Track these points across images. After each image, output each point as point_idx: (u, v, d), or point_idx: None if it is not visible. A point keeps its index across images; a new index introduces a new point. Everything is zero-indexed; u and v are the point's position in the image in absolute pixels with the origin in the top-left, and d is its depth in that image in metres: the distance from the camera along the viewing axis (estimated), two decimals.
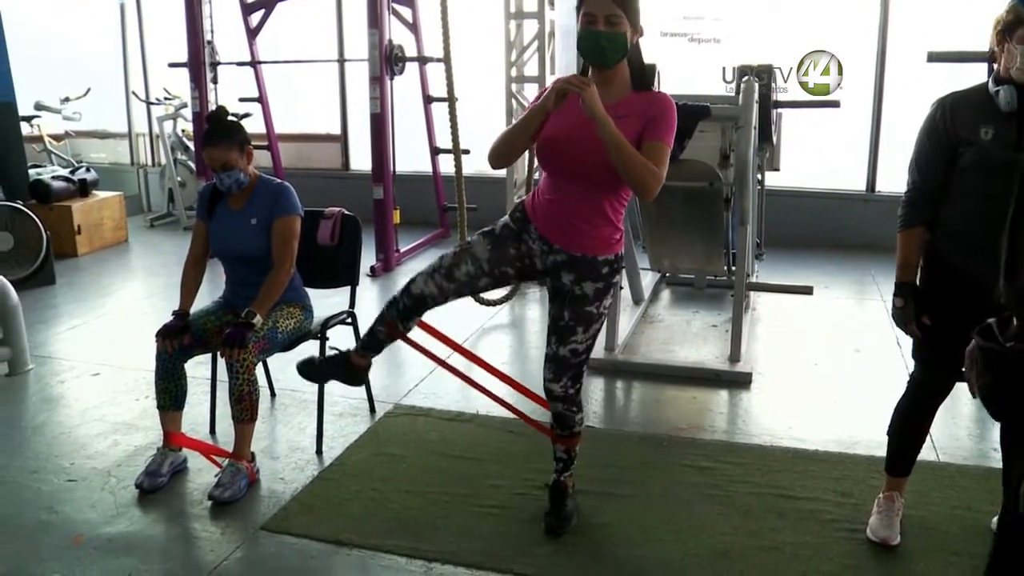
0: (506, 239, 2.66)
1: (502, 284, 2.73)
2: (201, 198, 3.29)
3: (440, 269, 2.65)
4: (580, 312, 2.58)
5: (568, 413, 2.73)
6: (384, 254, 6.30)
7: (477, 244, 2.66)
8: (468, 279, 2.64)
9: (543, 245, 2.61)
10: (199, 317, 3.21)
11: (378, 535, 2.80)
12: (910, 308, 2.52)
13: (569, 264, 2.58)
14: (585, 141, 2.40)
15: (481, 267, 2.64)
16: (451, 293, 2.65)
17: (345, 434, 3.56)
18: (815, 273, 5.90)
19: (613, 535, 2.81)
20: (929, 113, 2.48)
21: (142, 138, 8.93)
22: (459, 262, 2.64)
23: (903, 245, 2.54)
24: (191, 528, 2.90)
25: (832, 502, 2.98)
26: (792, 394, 3.99)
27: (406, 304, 2.68)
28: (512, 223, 2.67)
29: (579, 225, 2.54)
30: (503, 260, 2.65)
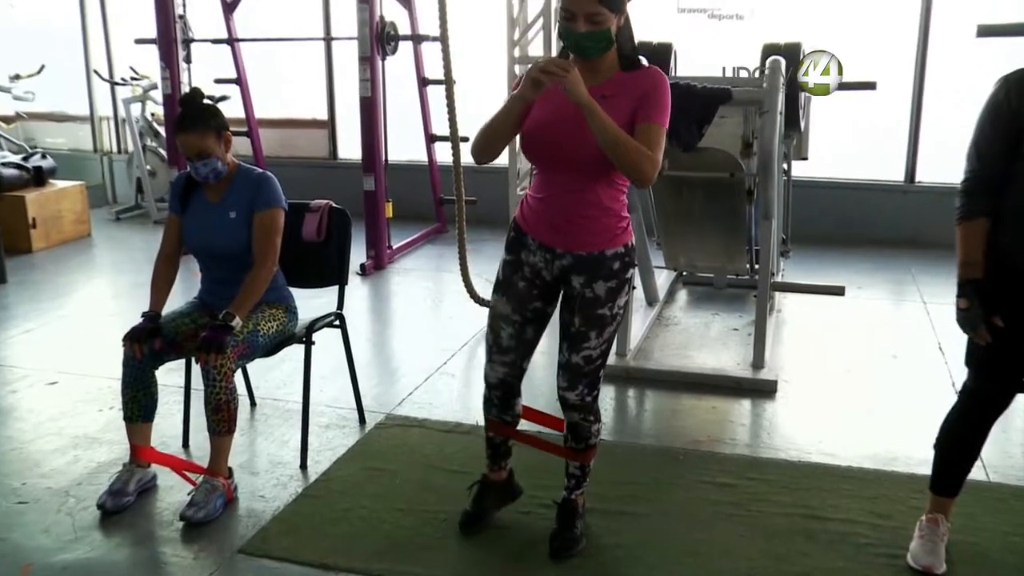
0: (511, 278, 2.70)
1: (545, 318, 2.77)
2: (174, 189, 3.29)
3: (492, 351, 2.75)
4: (591, 316, 2.59)
5: (584, 423, 2.74)
6: (375, 251, 6.30)
7: (497, 303, 2.73)
8: (516, 339, 2.72)
9: (545, 254, 2.62)
10: (172, 319, 3.21)
11: (367, 558, 2.80)
12: (976, 310, 2.47)
13: (576, 266, 2.59)
14: (573, 129, 2.40)
15: (514, 321, 2.70)
16: (518, 359, 2.75)
17: (332, 447, 3.56)
18: (847, 272, 5.90)
19: (625, 558, 2.81)
20: (992, 92, 2.45)
21: (106, 122, 8.90)
22: (498, 332, 2.73)
23: (964, 239, 2.50)
24: (160, 553, 2.89)
25: (867, 524, 2.97)
26: (822, 404, 3.98)
27: (497, 396, 2.80)
28: (507, 254, 2.71)
29: (577, 221, 2.54)
30: (524, 299, 2.69)
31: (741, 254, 4.86)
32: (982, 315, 2.48)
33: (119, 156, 8.70)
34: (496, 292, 2.74)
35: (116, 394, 3.24)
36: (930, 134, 6.73)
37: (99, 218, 7.73)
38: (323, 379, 4.15)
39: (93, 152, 8.86)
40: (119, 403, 3.19)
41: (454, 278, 5.39)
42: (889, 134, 6.89)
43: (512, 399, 2.83)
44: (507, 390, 2.79)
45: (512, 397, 2.82)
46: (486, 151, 2.56)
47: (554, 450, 2.92)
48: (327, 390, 4.09)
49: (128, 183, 8.25)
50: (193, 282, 3.44)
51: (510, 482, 3.01)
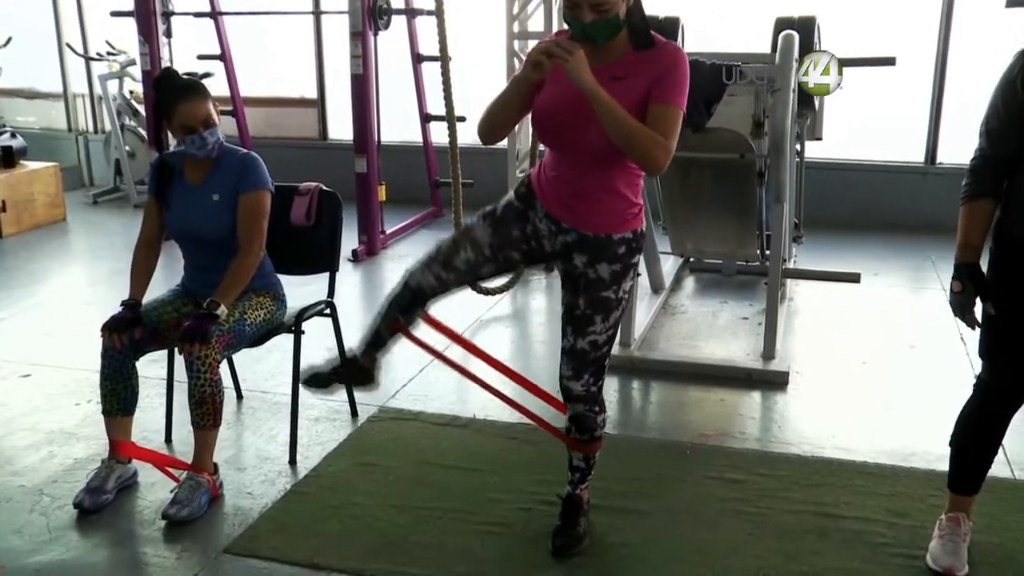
0: (509, 220, 2.67)
1: (507, 270, 2.77)
2: (154, 171, 3.29)
3: (437, 258, 2.68)
4: (596, 299, 2.59)
5: (589, 414, 2.74)
6: (368, 236, 6.30)
7: (477, 227, 2.69)
8: (468, 267, 2.67)
9: (551, 225, 2.61)
10: (153, 308, 3.22)
11: (360, 557, 2.81)
12: (968, 294, 2.49)
13: (580, 244, 2.58)
14: (584, 111, 2.38)
15: (482, 252, 2.66)
16: (451, 283, 2.69)
17: (322, 441, 3.57)
18: (863, 258, 5.90)
19: (629, 557, 2.82)
20: (1008, 66, 2.43)
21: (81, 100, 8.87)
22: (458, 248, 2.67)
23: (965, 220, 2.51)
24: (141, 553, 2.90)
25: (884, 523, 2.98)
26: (836, 397, 4.00)
27: (404, 298, 2.73)
28: (516, 200, 2.68)
29: (588, 202, 2.54)
30: (507, 243, 2.66)
31: (751, 239, 4.86)
32: (973, 300, 2.50)
33: (96, 136, 8.68)
34: (484, 219, 2.68)
35: (94, 387, 3.24)
36: (953, 112, 6.69)
37: (75, 201, 7.72)
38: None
39: (67, 131, 8.83)
40: (97, 396, 3.20)
41: None
42: (909, 113, 6.87)
43: (417, 308, 2.75)
44: (419, 298, 2.71)
45: (419, 306, 2.74)
46: (492, 132, 2.55)
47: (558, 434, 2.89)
48: None
49: (106, 164, 8.23)
50: (175, 269, 3.44)
51: (371, 372, 2.92)
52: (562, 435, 2.88)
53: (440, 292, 2.71)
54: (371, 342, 2.87)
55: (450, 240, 2.70)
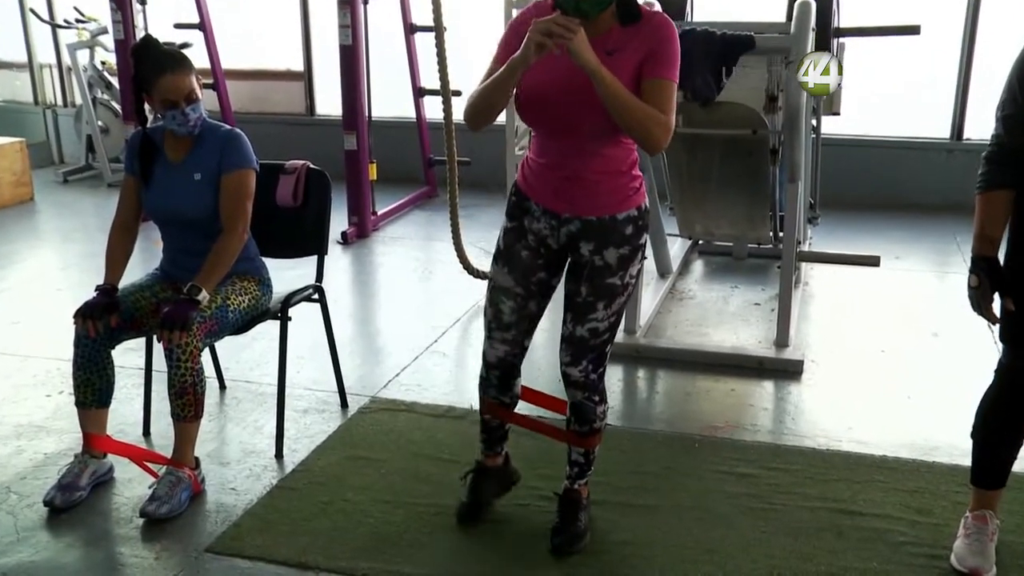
0: (512, 247, 2.70)
1: (549, 291, 2.79)
2: (130, 147, 3.27)
3: (491, 327, 2.77)
4: (600, 285, 2.60)
5: (589, 403, 2.76)
6: (358, 217, 6.30)
7: (496, 275, 2.74)
8: (518, 314, 2.73)
9: (550, 220, 2.62)
10: (130, 293, 3.21)
11: (350, 556, 2.82)
12: (986, 289, 2.50)
13: (585, 232, 2.59)
14: (578, 91, 2.38)
15: (516, 294, 2.72)
16: (519, 336, 2.78)
17: (311, 434, 3.57)
18: (883, 240, 5.91)
19: (633, 556, 2.82)
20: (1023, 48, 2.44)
21: (48, 70, 8.81)
22: (498, 306, 2.74)
23: (982, 212, 2.51)
24: (117, 553, 2.89)
25: (905, 520, 2.98)
26: (853, 387, 4.00)
27: (496, 376, 2.83)
28: (509, 221, 2.72)
29: (584, 185, 2.55)
30: (527, 270, 2.70)
31: (764, 220, 4.86)
32: (992, 295, 2.51)
33: (65, 110, 8.64)
34: (496, 263, 2.75)
35: (66, 377, 3.24)
36: (982, 84, 6.64)
37: (43, 180, 7.70)
38: (300, 359, 4.16)
39: (34, 105, 8.79)
40: (69, 387, 3.19)
41: (446, 247, 5.40)
42: (934, 85, 6.85)
43: (512, 380, 2.86)
44: (507, 370, 2.82)
45: (512, 378, 2.85)
46: (480, 117, 2.53)
47: (557, 435, 2.94)
48: (305, 371, 4.10)
49: (77, 141, 8.20)
50: (154, 252, 3.44)
51: (507, 468, 3.04)
52: (562, 433, 2.90)
53: (517, 351, 2.80)
54: (488, 440, 2.97)
55: (488, 303, 2.77)
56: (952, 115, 6.85)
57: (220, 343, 3.47)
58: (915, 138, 6.98)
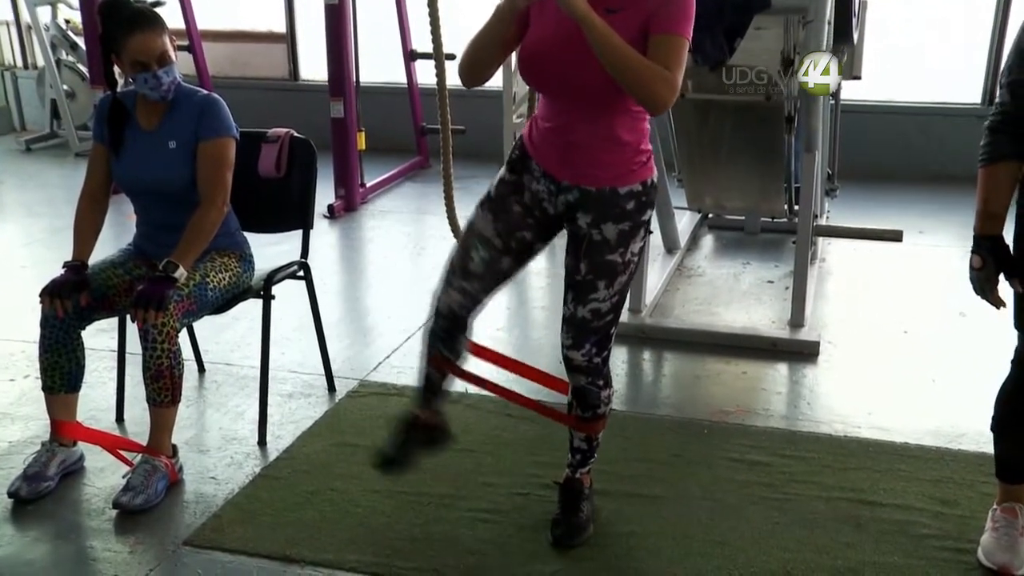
0: (506, 197, 2.68)
1: (526, 257, 2.76)
2: (99, 113, 3.25)
3: (454, 271, 2.69)
4: (600, 263, 2.59)
5: (592, 388, 2.75)
6: (345, 189, 6.29)
7: (478, 220, 2.70)
8: (487, 267, 2.67)
9: (549, 184, 2.61)
10: (101, 270, 3.20)
11: (338, 548, 2.83)
12: (991, 270, 2.50)
13: (583, 202, 2.58)
14: (578, 50, 2.36)
15: (493, 246, 2.67)
16: (479, 292, 2.69)
17: (296, 419, 3.58)
18: (906, 213, 5.90)
19: (639, 548, 2.83)
20: None
21: (6, 29, 8.76)
22: (469, 251, 2.67)
23: (984, 186, 2.50)
24: (88, 547, 2.89)
25: (929, 512, 2.99)
26: (873, 370, 4.01)
27: (442, 327, 2.74)
28: (508, 172, 2.70)
29: (587, 153, 2.54)
30: (512, 224, 2.67)
31: (778, 193, 4.85)
32: (997, 277, 2.50)
33: (26, 73, 8.59)
34: (482, 208, 2.69)
35: (32, 360, 3.23)
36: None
37: (4, 149, 7.68)
38: (285, 340, 4.16)
39: None
40: (36, 371, 3.19)
41: (439, 221, 5.38)
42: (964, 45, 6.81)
43: (459, 334, 2.75)
44: (456, 323, 2.72)
45: (459, 331, 2.75)
46: (474, 73, 2.53)
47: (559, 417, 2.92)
48: (289, 353, 4.11)
49: (40, 106, 8.16)
50: (126, 226, 3.43)
51: (441, 426, 2.90)
52: (564, 416, 2.89)
53: (472, 306, 2.71)
54: (426, 392, 2.88)
55: (458, 247, 2.71)
56: (984, 78, 6.81)
57: (199, 323, 3.46)
58: (942, 103, 6.95)
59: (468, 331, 2.77)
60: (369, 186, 6.59)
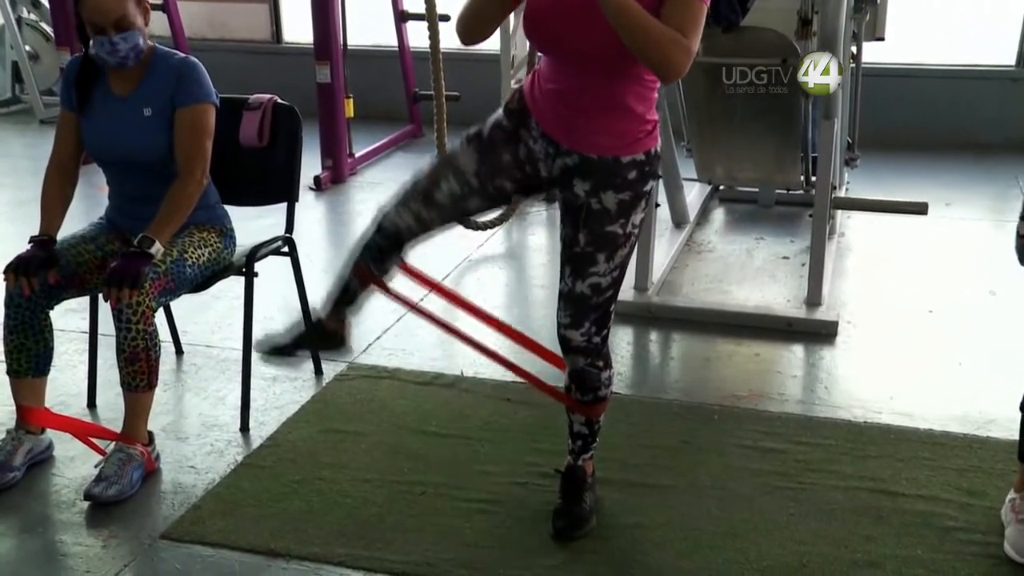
0: (498, 143, 2.66)
1: (499, 203, 2.77)
2: (67, 77, 3.23)
3: (415, 192, 2.68)
4: (600, 233, 2.59)
5: (591, 370, 2.75)
6: (333, 159, 6.28)
7: (461, 152, 2.68)
8: (453, 201, 2.66)
9: (547, 146, 2.61)
10: (71, 245, 3.20)
11: (326, 542, 2.83)
12: None
13: (582, 169, 2.58)
14: (587, 11, 2.36)
15: (468, 183, 2.65)
16: (434, 222, 2.69)
17: (281, 404, 3.58)
18: (932, 184, 5.89)
19: (645, 540, 2.84)
20: None
21: None
22: (439, 180, 2.66)
23: None
24: (57, 542, 2.89)
25: (954, 503, 2.99)
26: (896, 351, 4.01)
27: (378, 243, 2.73)
28: (506, 119, 2.68)
29: (591, 119, 2.53)
30: (497, 170, 2.66)
31: (794, 163, 4.83)
32: None
33: None
34: (469, 143, 2.69)
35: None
36: None
37: None
38: (268, 320, 4.13)
39: None
40: (0, 354, 3.19)
41: None
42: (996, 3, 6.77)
43: (393, 254, 2.76)
44: (396, 242, 2.72)
45: (395, 252, 2.75)
46: (472, 31, 2.53)
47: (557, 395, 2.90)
48: None
49: (1, 70, 8.12)
50: (97, 198, 3.43)
51: (341, 335, 2.92)
52: (562, 395, 2.89)
53: (420, 233, 2.71)
54: (339, 298, 2.86)
55: (429, 170, 2.69)
56: (1019, 38, 6.77)
57: (176, 303, 3.46)
58: (972, 66, 6.91)
59: (403, 253, 2.77)
60: (358, 156, 6.57)
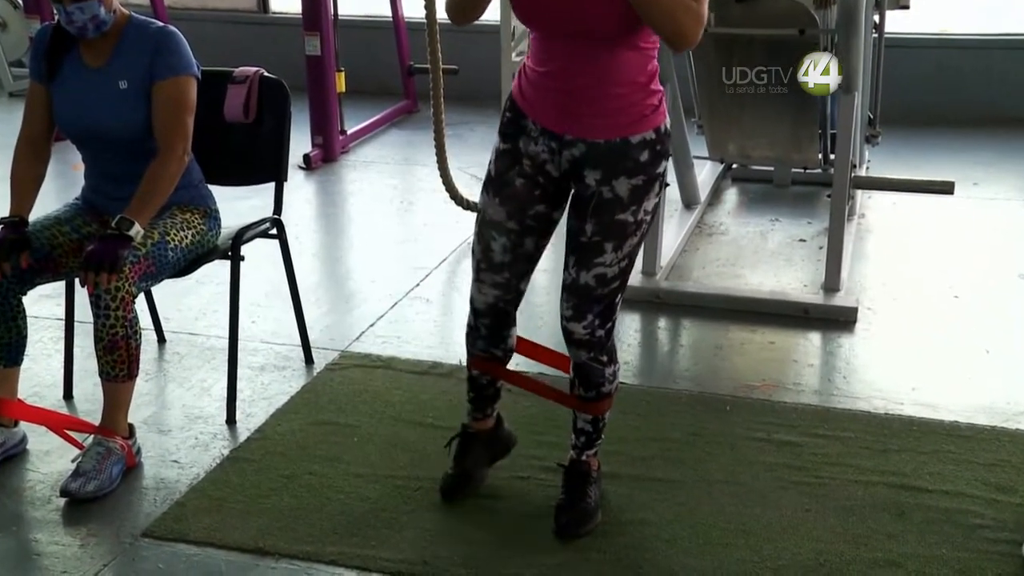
0: (505, 173, 2.69)
1: (549, 226, 2.79)
2: (36, 47, 3.23)
3: (480, 268, 2.77)
4: (609, 222, 2.59)
5: (595, 365, 2.76)
6: (323, 136, 6.27)
7: (487, 206, 2.73)
8: (512, 253, 2.73)
9: (549, 142, 2.61)
10: (45, 227, 3.19)
11: (317, 539, 2.83)
12: None
13: (590, 157, 2.58)
14: None
15: (509, 230, 2.70)
16: (513, 278, 2.78)
17: (269, 395, 3.59)
18: (959, 162, 5.88)
19: (653, 538, 2.84)
20: None
21: None
22: (488, 244, 2.74)
23: None
24: (32, 540, 2.90)
25: (981, 499, 2.99)
26: (918, 339, 4.00)
27: (485, 325, 2.83)
28: (502, 142, 2.70)
29: (592, 100, 2.53)
30: (523, 201, 2.69)
31: (811, 140, 4.82)
32: None
33: None
34: (486, 192, 2.74)
35: None
36: None
37: None
38: (256, 306, 4.16)
39: None
40: None
41: (429, 173, 5.37)
42: None
43: (504, 329, 2.86)
44: (498, 318, 2.82)
45: (504, 327, 2.86)
46: (463, 10, 2.56)
47: (559, 398, 2.95)
48: (261, 321, 4.11)
49: None
50: (72, 177, 3.42)
51: (499, 433, 3.06)
52: (564, 397, 2.91)
53: (511, 296, 2.80)
54: (476, 401, 2.98)
55: (476, 241, 2.77)
56: None
57: (158, 288, 3.46)
58: (1004, 35, 6.88)
59: (513, 324, 2.88)
60: (350, 133, 6.56)
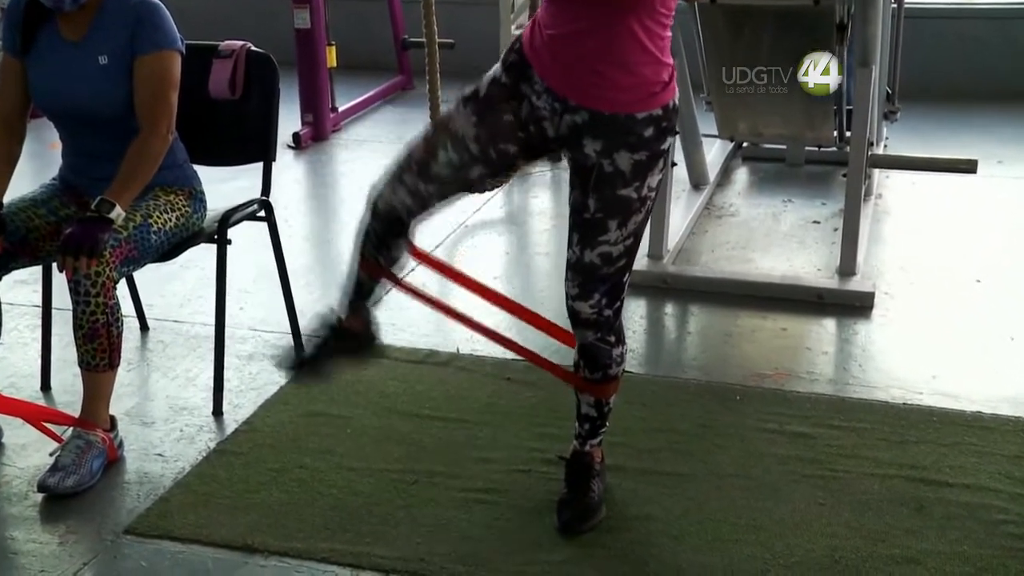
0: (498, 102, 2.65)
1: (503, 170, 2.76)
2: (9, 18, 3.21)
3: (409, 165, 2.66)
4: (611, 197, 2.58)
5: (602, 345, 2.75)
6: (314, 114, 6.28)
7: (457, 116, 2.67)
8: (453, 171, 2.65)
9: (552, 102, 2.59)
10: (20, 209, 3.19)
11: (308, 536, 2.84)
12: None
13: (593, 126, 2.56)
14: None
15: (468, 150, 2.64)
16: (433, 197, 2.68)
17: (257, 385, 3.59)
18: (982, 140, 5.87)
19: (660, 533, 2.85)
20: None
21: None
22: (435, 149, 2.65)
23: None
24: (8, 538, 2.90)
25: (1005, 494, 2.99)
26: (938, 326, 4.01)
27: (376, 229, 2.73)
28: (504, 74, 2.66)
29: (602, 68, 2.51)
30: (499, 133, 2.64)
31: (826, 117, 4.82)
32: None
33: None
34: (465, 105, 2.67)
35: None
36: None
37: None
38: (243, 292, 4.16)
39: None
40: None
41: None
42: None
43: (396, 239, 2.76)
44: (393, 228, 2.73)
45: (396, 236, 2.76)
46: None
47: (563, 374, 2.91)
48: (249, 308, 4.12)
49: None
50: (49, 157, 3.42)
51: (367, 334, 2.95)
52: (568, 374, 2.89)
53: (419, 211, 2.70)
54: (354, 295, 2.89)
55: (423, 139, 2.68)
56: None
57: (140, 273, 3.46)
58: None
59: (409, 236, 2.77)
60: (341, 111, 6.56)
